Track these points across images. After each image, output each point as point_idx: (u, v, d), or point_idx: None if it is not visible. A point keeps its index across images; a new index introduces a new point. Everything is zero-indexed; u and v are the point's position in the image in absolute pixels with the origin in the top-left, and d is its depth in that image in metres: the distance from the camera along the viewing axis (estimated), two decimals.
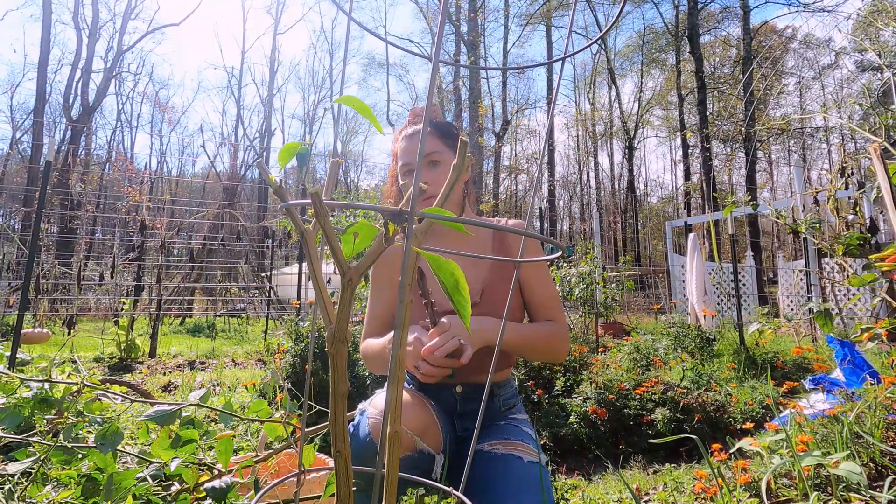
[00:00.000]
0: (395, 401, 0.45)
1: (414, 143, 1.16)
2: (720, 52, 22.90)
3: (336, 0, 0.50)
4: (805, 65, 22.20)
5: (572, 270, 5.32)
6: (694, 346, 3.95)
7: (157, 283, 5.99)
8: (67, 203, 11.69)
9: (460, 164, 0.46)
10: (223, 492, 0.79)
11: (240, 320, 10.18)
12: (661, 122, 26.27)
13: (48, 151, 3.53)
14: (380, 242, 0.41)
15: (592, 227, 7.34)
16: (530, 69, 26.07)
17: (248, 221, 10.88)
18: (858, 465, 1.14)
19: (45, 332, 4.79)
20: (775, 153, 25.63)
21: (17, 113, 25.29)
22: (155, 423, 0.84)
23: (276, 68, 27.08)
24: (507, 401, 1.20)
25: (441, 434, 1.01)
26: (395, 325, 0.63)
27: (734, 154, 21.08)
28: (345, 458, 0.46)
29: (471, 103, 17.88)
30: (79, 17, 20.54)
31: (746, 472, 1.43)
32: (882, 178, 1.54)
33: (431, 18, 21.00)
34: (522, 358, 1.18)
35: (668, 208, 28.55)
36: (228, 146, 26.05)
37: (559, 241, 0.95)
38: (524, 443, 1.06)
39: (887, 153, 1.62)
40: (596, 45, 22.16)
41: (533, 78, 29.90)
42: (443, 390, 1.15)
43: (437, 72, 0.45)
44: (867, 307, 5.93)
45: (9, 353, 2.55)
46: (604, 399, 2.59)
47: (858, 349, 1.92)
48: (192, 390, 3.43)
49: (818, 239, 1.80)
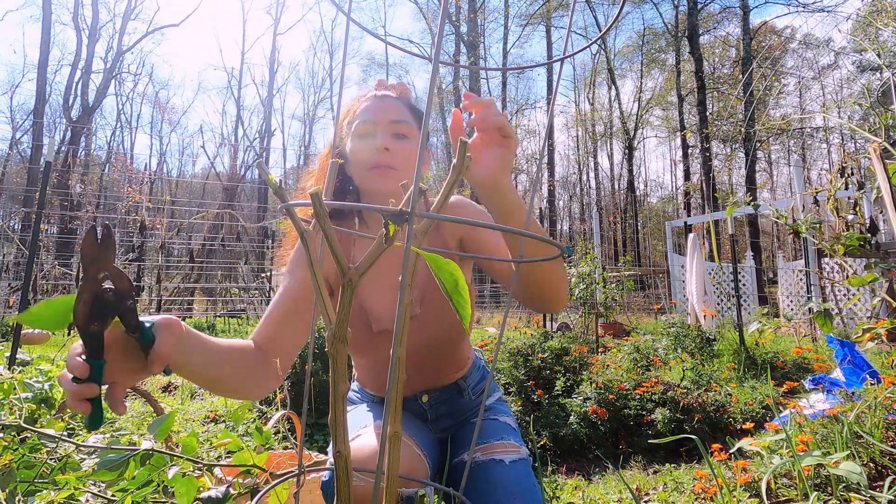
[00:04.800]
0: (395, 401, 0.45)
1: (384, 103, 0.99)
2: (720, 52, 22.92)
3: (335, 1, 0.50)
4: (805, 65, 22.22)
5: (572, 270, 5.33)
6: (694, 347, 3.95)
7: (156, 284, 5.99)
8: (67, 203, 11.69)
9: (459, 165, 0.46)
10: (219, 502, 0.76)
11: (240, 321, 10.17)
12: (661, 122, 26.28)
13: (48, 152, 3.52)
14: (380, 242, 0.41)
15: (592, 228, 7.34)
16: (530, 69, 26.08)
17: (247, 222, 10.88)
18: (858, 465, 1.14)
19: (45, 333, 4.78)
20: (775, 153, 25.66)
21: (17, 113, 25.33)
22: (106, 471, 0.76)
23: (276, 69, 27.09)
24: (476, 387, 1.14)
25: (427, 463, 0.90)
26: (394, 327, 0.60)
27: (734, 154, 21.08)
28: (345, 459, 0.46)
29: None
30: (78, 18, 20.55)
31: (746, 472, 1.43)
32: (882, 178, 1.54)
33: (431, 19, 21.02)
34: (528, 293, 0.87)
35: (668, 208, 28.57)
36: (228, 147, 26.05)
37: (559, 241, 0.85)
38: (504, 440, 1.00)
39: (887, 153, 1.62)
40: (596, 46, 22.16)
41: (533, 78, 29.91)
42: (409, 402, 1.08)
43: (437, 72, 0.45)
44: (867, 307, 5.93)
45: (9, 354, 2.55)
46: (604, 399, 2.59)
47: (858, 349, 1.93)
48: (192, 391, 3.44)
49: (818, 239, 1.80)
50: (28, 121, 23.88)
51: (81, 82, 20.19)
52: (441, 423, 1.11)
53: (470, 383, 1.13)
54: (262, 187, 18.34)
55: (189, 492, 0.74)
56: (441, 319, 1.01)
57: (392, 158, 0.96)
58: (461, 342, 1.08)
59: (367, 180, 0.98)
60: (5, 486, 0.80)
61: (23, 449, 0.93)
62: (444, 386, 1.10)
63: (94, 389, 0.58)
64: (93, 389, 0.58)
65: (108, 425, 1.84)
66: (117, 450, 0.77)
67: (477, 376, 1.15)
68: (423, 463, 0.88)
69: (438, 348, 1.05)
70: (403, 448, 0.86)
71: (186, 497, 0.74)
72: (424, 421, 1.10)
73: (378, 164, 0.96)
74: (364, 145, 0.97)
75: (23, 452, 0.93)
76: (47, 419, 1.26)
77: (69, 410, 1.52)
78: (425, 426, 1.08)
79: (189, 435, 0.83)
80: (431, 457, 0.96)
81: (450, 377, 1.10)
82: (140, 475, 0.76)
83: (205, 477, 0.88)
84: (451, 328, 1.03)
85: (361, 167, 0.98)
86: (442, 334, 1.03)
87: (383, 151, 0.95)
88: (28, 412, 1.20)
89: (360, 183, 1.01)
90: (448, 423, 1.11)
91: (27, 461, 0.90)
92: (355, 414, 1.04)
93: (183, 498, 0.74)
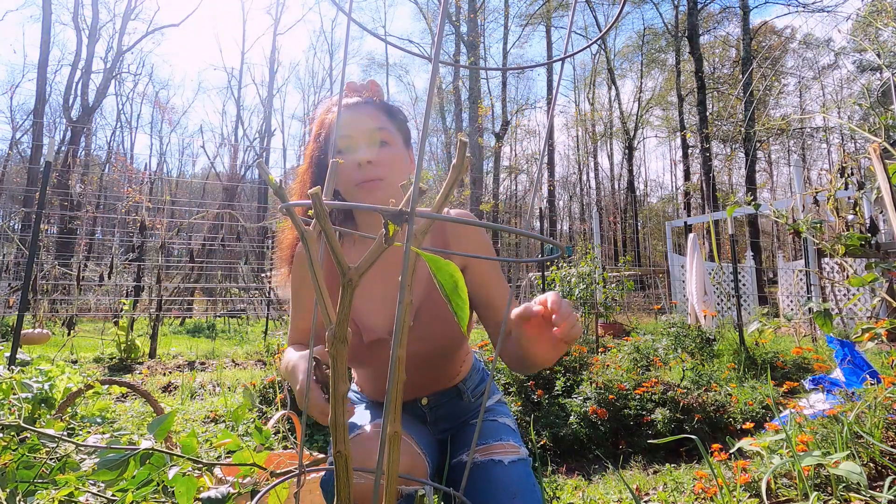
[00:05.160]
0: (394, 402, 0.45)
1: (358, 114, 0.97)
2: (720, 52, 22.93)
3: (336, 0, 0.50)
4: (805, 65, 22.23)
5: (572, 270, 5.33)
6: (694, 347, 3.95)
7: (156, 284, 5.98)
8: (67, 203, 11.69)
9: (459, 165, 0.46)
10: (219, 502, 0.76)
11: (240, 321, 10.18)
12: (661, 122, 26.29)
13: (48, 152, 3.52)
14: (380, 242, 0.41)
15: (592, 228, 7.34)
16: (530, 69, 26.08)
17: (247, 222, 10.88)
18: (858, 465, 1.14)
19: (45, 333, 4.78)
20: (775, 153, 25.67)
21: (17, 113, 25.34)
22: (106, 471, 0.76)
23: (276, 69, 27.08)
24: (476, 390, 1.13)
25: (427, 462, 0.90)
26: (389, 335, 0.58)
27: (734, 154, 21.09)
28: (345, 458, 0.46)
29: (470, 104, 17.89)
30: (79, 18, 20.54)
31: (746, 472, 1.43)
32: (882, 179, 1.54)
33: (431, 19, 21.02)
34: (508, 354, 0.92)
35: (668, 208, 28.57)
36: (228, 147, 26.06)
37: (559, 242, 0.82)
38: (503, 441, 1.00)
39: (887, 153, 1.62)
40: (596, 45, 22.17)
41: (533, 78, 29.94)
42: (408, 405, 1.08)
43: (437, 72, 0.45)
44: (867, 307, 5.93)
45: (9, 354, 2.55)
46: (604, 399, 2.59)
47: (858, 349, 1.93)
48: (192, 391, 3.44)
49: (819, 239, 1.80)
50: (28, 121, 23.90)
51: (81, 82, 20.19)
52: (440, 425, 1.10)
53: (469, 386, 1.12)
54: (262, 187, 18.35)
55: (189, 491, 0.74)
56: (435, 332, 0.99)
57: (377, 170, 0.95)
58: (458, 349, 1.07)
59: (357, 196, 0.96)
60: (5, 486, 0.80)
61: (22, 449, 0.93)
62: (443, 389, 1.09)
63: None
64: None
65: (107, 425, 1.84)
66: (117, 449, 0.77)
67: (477, 378, 1.15)
68: (422, 461, 0.88)
69: (434, 358, 1.04)
70: (403, 446, 0.85)
71: (187, 496, 0.74)
72: (424, 423, 1.09)
73: (364, 179, 0.95)
74: (346, 162, 0.95)
75: (22, 452, 0.93)
76: (47, 419, 1.26)
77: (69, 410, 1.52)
78: (425, 427, 1.08)
79: (189, 435, 0.83)
80: (431, 456, 0.95)
81: (449, 382, 1.10)
82: (140, 474, 0.76)
83: (204, 477, 0.88)
84: (446, 339, 1.01)
85: (348, 184, 0.97)
86: (437, 346, 1.01)
87: (367, 165, 0.94)
88: (27, 412, 1.20)
89: (351, 199, 0.99)
90: (447, 426, 1.10)
91: (27, 461, 0.90)
92: (355, 414, 1.04)
93: (183, 497, 0.74)
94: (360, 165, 0.94)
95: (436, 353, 1.03)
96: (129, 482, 0.75)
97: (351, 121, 0.97)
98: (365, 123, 0.97)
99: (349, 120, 0.97)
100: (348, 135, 0.96)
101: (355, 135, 0.96)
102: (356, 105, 0.99)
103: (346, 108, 0.99)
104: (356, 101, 1.00)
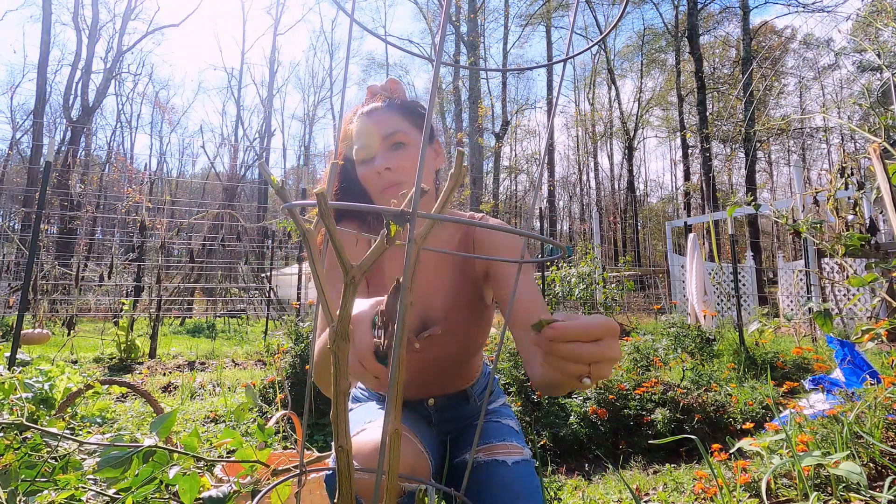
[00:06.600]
0: (395, 401, 0.45)
1: (372, 122, 0.98)
2: (720, 52, 22.92)
3: (337, 1, 0.50)
4: (805, 65, 22.23)
5: (572, 271, 5.33)
6: (694, 347, 3.95)
7: (156, 284, 5.98)
8: (67, 204, 11.69)
9: (457, 174, 0.46)
10: (220, 501, 0.76)
11: (240, 321, 10.18)
12: (661, 122, 26.29)
13: (48, 152, 3.53)
14: (381, 242, 0.41)
15: (592, 228, 7.34)
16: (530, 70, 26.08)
17: (247, 222, 10.89)
18: (858, 465, 1.14)
19: (45, 333, 4.78)
20: (775, 153, 25.67)
21: (17, 113, 25.33)
22: (109, 469, 0.76)
23: (276, 69, 27.08)
24: (482, 394, 1.14)
25: (430, 462, 0.89)
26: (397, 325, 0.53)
27: (734, 154, 21.09)
28: (347, 454, 0.46)
29: (470, 104, 17.89)
30: (79, 18, 20.54)
31: (746, 472, 1.43)
32: (882, 179, 1.54)
33: (431, 19, 21.01)
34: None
35: (668, 208, 28.57)
36: (228, 147, 26.05)
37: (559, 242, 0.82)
38: (506, 441, 1.01)
39: (887, 153, 1.62)
40: (596, 46, 22.17)
41: (533, 78, 29.91)
42: (414, 404, 1.09)
43: (438, 72, 0.45)
44: (867, 307, 5.93)
45: (8, 354, 2.55)
46: (604, 399, 2.59)
47: (858, 349, 1.93)
48: (192, 391, 3.44)
49: (819, 239, 1.80)
50: (28, 121, 23.89)
51: (81, 82, 20.19)
52: (444, 426, 1.11)
53: (476, 390, 1.14)
54: (262, 187, 18.35)
55: (192, 489, 0.75)
56: (459, 338, 1.03)
57: (395, 174, 0.96)
58: (475, 356, 1.11)
59: (383, 202, 1.00)
60: (7, 486, 0.80)
61: (24, 448, 0.93)
62: (451, 392, 1.11)
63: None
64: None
65: (107, 425, 1.84)
66: (120, 447, 0.77)
67: (483, 382, 1.17)
68: (425, 459, 0.88)
69: (453, 363, 1.08)
70: (406, 443, 0.87)
71: (189, 494, 0.75)
72: (428, 423, 1.10)
73: (385, 185, 0.97)
74: (367, 172, 0.99)
75: (24, 452, 0.93)
76: (47, 419, 1.26)
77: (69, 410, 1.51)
78: (428, 427, 1.09)
79: (190, 434, 0.83)
80: (433, 455, 0.96)
81: (459, 386, 1.12)
82: (143, 473, 0.76)
83: (206, 476, 0.88)
84: (467, 346, 1.06)
85: (374, 193, 1.00)
86: (458, 351, 1.05)
87: (385, 172, 0.97)
88: (28, 412, 1.20)
89: (381, 204, 1.02)
90: (451, 427, 1.12)
91: (28, 461, 0.90)
92: (362, 410, 1.04)
93: (186, 495, 0.74)
94: (380, 173, 0.97)
95: (458, 358, 1.07)
96: (131, 480, 0.76)
97: (366, 130, 0.99)
98: (379, 129, 0.99)
99: (364, 129, 0.99)
100: (366, 144, 0.99)
101: (371, 143, 0.98)
102: (370, 112, 1.01)
103: (363, 116, 1.01)
104: (371, 107, 1.02)
